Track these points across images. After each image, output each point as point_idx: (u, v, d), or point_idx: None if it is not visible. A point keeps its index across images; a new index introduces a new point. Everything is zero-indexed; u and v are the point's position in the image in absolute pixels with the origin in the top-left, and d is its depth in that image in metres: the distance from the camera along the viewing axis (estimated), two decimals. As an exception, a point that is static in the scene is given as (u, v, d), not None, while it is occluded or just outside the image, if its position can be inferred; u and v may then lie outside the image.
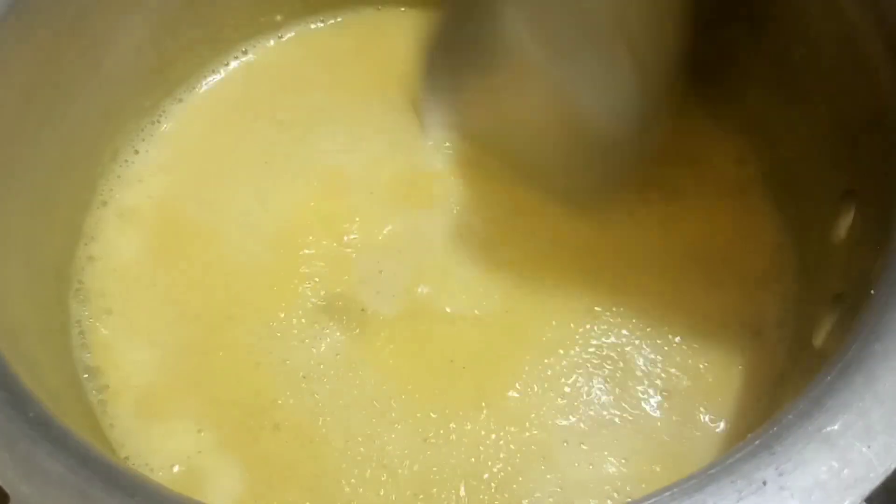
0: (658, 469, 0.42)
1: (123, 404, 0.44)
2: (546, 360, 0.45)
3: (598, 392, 0.44)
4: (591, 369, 0.45)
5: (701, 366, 0.45)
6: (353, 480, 0.42)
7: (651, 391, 0.44)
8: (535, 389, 0.44)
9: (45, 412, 0.31)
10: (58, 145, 0.46)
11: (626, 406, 0.44)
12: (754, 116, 0.51)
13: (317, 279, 0.48)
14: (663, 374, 0.44)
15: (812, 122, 0.45)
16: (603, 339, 0.45)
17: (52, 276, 0.46)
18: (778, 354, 0.45)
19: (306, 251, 0.49)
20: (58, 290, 0.47)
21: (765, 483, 0.28)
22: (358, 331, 0.46)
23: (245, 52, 0.57)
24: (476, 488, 0.41)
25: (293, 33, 0.58)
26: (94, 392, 0.44)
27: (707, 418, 0.43)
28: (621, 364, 0.45)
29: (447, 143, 0.53)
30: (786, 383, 0.43)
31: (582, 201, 0.50)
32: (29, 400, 0.32)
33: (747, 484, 0.28)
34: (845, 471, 0.28)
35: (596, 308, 0.46)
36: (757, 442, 0.29)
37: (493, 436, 0.43)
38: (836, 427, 0.29)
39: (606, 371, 0.44)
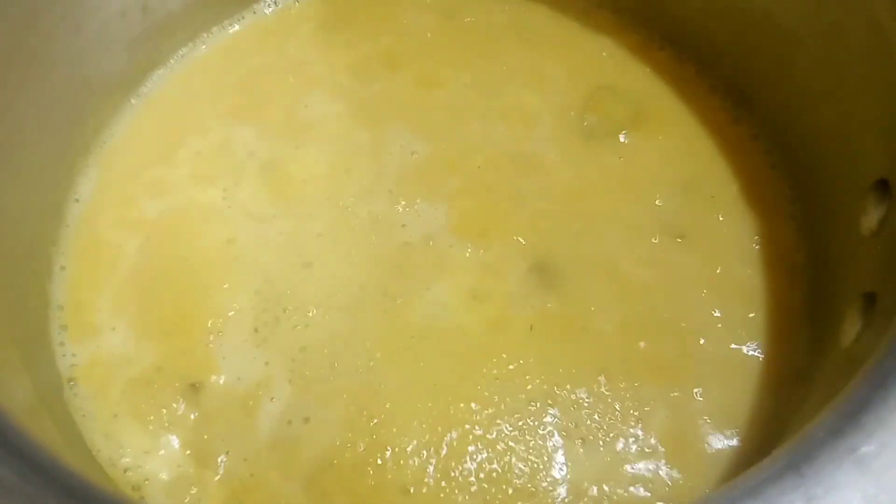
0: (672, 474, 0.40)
1: (105, 404, 0.42)
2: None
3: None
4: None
5: (715, 360, 0.43)
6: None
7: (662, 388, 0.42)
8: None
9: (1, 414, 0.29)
10: (34, 117, 0.44)
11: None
12: (774, 98, 0.49)
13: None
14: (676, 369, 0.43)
15: (841, 108, 0.43)
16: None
17: (28, 259, 0.44)
18: (797, 351, 0.43)
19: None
20: (34, 275, 0.44)
21: (792, 510, 0.26)
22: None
23: (241, 19, 0.54)
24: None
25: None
26: (74, 392, 0.42)
27: (720, 418, 0.41)
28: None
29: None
30: (807, 382, 0.41)
31: None
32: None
33: (772, 512, 0.26)
34: (882, 497, 0.26)
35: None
36: (784, 462, 0.27)
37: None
38: (871, 447, 0.27)
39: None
